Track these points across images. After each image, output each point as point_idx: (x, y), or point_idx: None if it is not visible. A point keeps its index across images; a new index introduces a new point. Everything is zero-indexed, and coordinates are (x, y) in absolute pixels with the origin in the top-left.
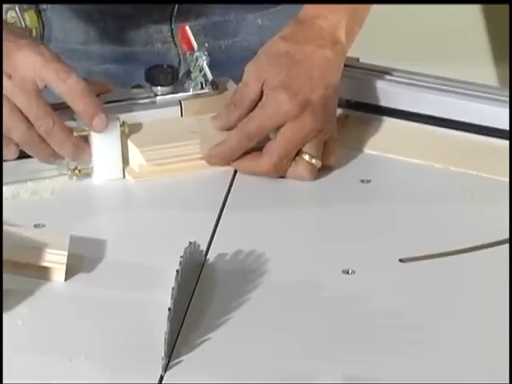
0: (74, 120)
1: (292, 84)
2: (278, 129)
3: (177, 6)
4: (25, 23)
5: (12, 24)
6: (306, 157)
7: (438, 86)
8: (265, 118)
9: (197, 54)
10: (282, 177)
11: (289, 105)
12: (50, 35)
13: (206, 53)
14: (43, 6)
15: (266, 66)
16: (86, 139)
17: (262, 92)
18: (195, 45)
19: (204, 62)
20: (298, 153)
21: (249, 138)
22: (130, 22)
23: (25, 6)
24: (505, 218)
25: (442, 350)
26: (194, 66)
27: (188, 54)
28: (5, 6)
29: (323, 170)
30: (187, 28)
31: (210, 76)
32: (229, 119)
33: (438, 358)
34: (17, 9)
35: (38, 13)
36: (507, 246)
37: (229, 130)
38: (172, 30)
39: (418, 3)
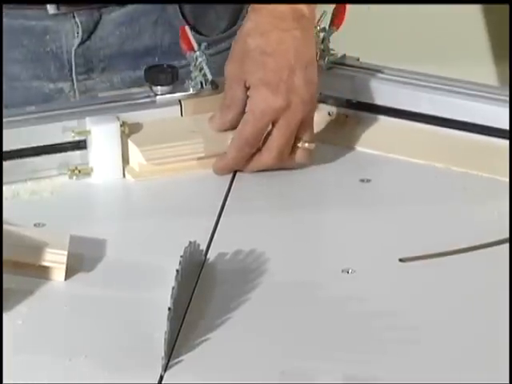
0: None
1: (271, 78)
2: (272, 123)
3: (74, 61)
4: None
5: None
6: (299, 143)
7: (439, 86)
8: (256, 121)
9: (197, 53)
10: (283, 169)
11: (274, 100)
12: None
13: (205, 52)
14: None
15: (242, 66)
16: None
17: (247, 88)
18: (195, 45)
19: (204, 62)
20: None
21: (248, 145)
22: (24, 83)
23: None
24: (505, 217)
25: (441, 349)
26: (194, 65)
27: (188, 53)
28: None
29: (324, 170)
30: (187, 28)
31: (209, 76)
32: (224, 120)
33: (438, 358)
34: None
35: None
36: (507, 245)
37: (225, 130)
38: (74, 87)
39: (417, 3)
